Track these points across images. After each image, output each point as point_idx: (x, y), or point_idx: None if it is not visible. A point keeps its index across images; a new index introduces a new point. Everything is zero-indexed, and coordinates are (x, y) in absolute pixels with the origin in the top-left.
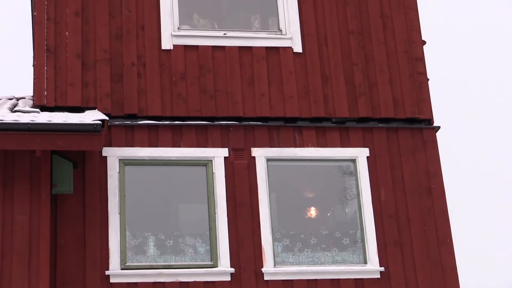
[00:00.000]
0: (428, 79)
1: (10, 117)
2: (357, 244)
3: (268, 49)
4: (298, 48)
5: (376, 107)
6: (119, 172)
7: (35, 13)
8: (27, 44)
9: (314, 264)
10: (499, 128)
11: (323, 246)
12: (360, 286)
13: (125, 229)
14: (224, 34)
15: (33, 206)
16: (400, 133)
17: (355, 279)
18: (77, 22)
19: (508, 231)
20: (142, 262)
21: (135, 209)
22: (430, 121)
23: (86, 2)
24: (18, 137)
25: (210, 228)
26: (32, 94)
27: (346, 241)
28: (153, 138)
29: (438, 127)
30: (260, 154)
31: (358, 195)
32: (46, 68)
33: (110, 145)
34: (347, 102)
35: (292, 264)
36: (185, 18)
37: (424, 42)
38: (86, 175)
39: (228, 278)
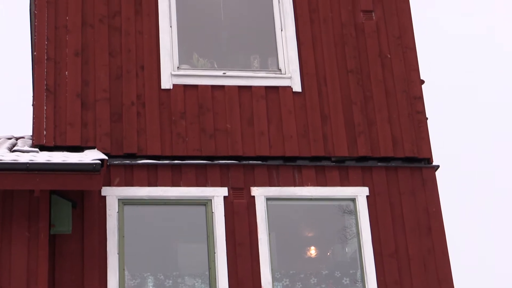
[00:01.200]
0: (427, 118)
1: (9, 157)
2: (357, 284)
3: (267, 88)
4: (297, 87)
5: (375, 146)
6: (118, 211)
7: (35, 53)
8: (26, 83)
9: None
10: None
11: (323, 286)
12: None
13: (123, 269)
14: (224, 73)
15: (31, 246)
16: (400, 172)
17: None
18: (77, 62)
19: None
20: None
21: (134, 249)
22: (429, 160)
23: (86, 42)
24: (16, 176)
25: (209, 268)
26: (31, 134)
27: (346, 280)
28: (152, 177)
29: (438, 166)
30: (259, 193)
31: (357, 234)
32: (45, 108)
33: (109, 184)
34: (347, 141)
35: None
36: (185, 58)
37: (422, 81)
38: (84, 214)
39: None
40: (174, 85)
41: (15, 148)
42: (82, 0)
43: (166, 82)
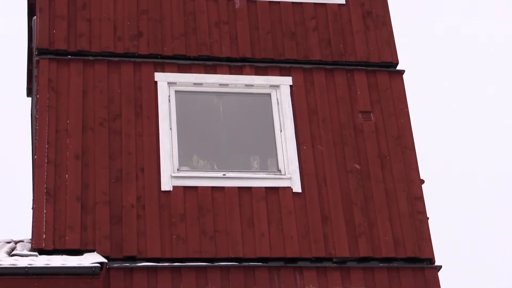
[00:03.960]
0: (428, 218)
1: (7, 261)
2: None
3: (267, 189)
4: (297, 188)
5: (376, 247)
6: None
7: (35, 157)
8: (26, 186)
9: None
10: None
11: None
12: None
13: None
14: (224, 174)
15: None
16: (402, 272)
17: None
18: (77, 165)
19: None
20: None
21: None
22: (431, 260)
23: (86, 145)
24: (15, 281)
25: None
26: (30, 237)
27: None
28: (152, 281)
29: (440, 267)
30: None
31: None
32: (45, 211)
33: (108, 287)
34: (348, 241)
35: None
36: (185, 160)
37: (422, 181)
38: None
39: None
40: (174, 187)
41: (14, 252)
42: (82, 104)
43: (166, 184)
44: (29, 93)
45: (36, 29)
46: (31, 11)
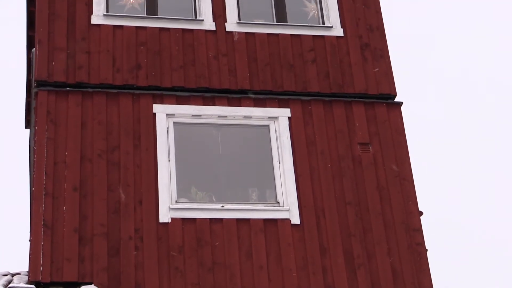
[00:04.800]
0: (426, 250)
1: None
2: None
3: (266, 221)
4: (295, 219)
5: (375, 279)
6: None
7: (33, 188)
8: (24, 218)
9: None
10: None
11: None
12: None
13: None
14: (222, 206)
15: None
16: None
17: None
18: (75, 197)
19: None
20: None
21: None
22: None
23: (85, 177)
24: None
25: None
26: (27, 270)
27: None
28: None
29: None
30: None
31: None
32: (42, 243)
33: None
34: (346, 273)
35: None
36: (183, 191)
37: (421, 213)
38: None
39: None
40: (172, 219)
41: (10, 284)
42: (81, 136)
43: (164, 216)
44: (28, 124)
45: (35, 61)
46: (30, 43)
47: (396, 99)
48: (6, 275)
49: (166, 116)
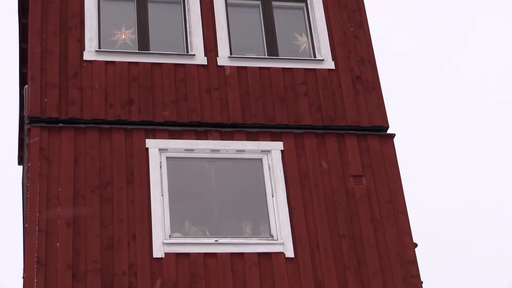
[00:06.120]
0: (422, 282)
1: None
2: None
3: (260, 254)
4: (290, 253)
5: None
6: None
7: (26, 225)
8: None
9: None
10: None
11: None
12: None
13: None
14: (216, 241)
15: None
16: None
17: None
18: (68, 233)
19: None
20: None
21: None
22: None
23: (78, 213)
24: None
25: None
26: None
27: None
28: None
29: None
30: None
31: None
32: (36, 280)
33: None
34: None
35: None
36: (177, 226)
37: (415, 245)
38: None
39: None
40: (166, 254)
41: None
42: (74, 172)
43: (158, 251)
44: (21, 161)
45: (28, 97)
46: (23, 80)
47: (389, 131)
48: None
49: (159, 150)
